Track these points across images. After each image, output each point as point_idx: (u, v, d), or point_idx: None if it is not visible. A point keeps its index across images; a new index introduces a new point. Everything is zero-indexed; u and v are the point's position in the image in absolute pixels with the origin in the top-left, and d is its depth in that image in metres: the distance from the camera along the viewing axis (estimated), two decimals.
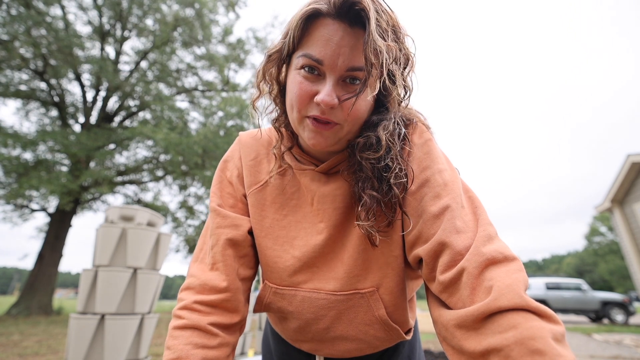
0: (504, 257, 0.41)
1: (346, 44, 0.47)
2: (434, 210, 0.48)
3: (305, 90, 0.50)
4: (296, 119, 0.53)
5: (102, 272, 2.21)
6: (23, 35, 8.96)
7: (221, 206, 0.62)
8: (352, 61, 0.48)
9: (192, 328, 0.51)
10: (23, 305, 9.49)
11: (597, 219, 42.18)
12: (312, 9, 0.48)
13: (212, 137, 11.13)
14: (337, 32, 0.47)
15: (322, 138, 0.51)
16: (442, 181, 0.51)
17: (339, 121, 0.50)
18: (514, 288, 0.37)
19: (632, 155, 9.21)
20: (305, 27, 0.50)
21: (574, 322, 11.15)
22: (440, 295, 0.45)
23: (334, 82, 0.49)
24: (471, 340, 0.38)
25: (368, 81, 0.46)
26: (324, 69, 0.49)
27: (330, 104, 0.47)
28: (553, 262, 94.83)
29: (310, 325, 0.59)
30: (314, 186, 0.59)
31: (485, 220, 0.47)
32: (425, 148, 0.55)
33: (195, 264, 0.60)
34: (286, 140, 0.61)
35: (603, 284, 43.85)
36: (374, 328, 0.58)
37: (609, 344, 5.54)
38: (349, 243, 0.57)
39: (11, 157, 9.47)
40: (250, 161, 0.65)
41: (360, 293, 0.56)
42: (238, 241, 0.60)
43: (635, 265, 9.34)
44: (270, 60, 0.55)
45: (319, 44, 0.48)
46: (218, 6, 12.82)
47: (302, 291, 0.58)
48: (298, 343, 0.65)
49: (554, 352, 0.32)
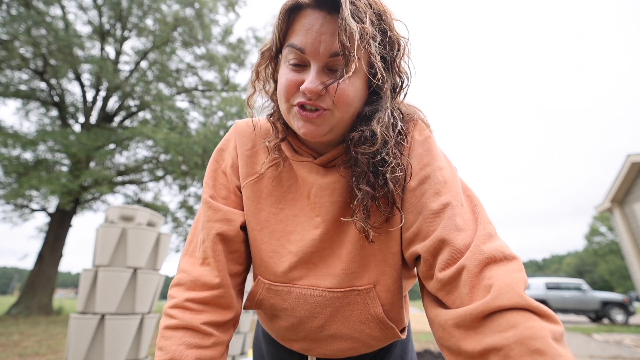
0: (504, 256, 0.41)
1: (326, 31, 0.48)
2: (434, 208, 0.48)
3: (292, 80, 0.50)
4: (285, 109, 0.53)
5: (102, 272, 2.21)
6: (23, 35, 8.95)
7: (213, 198, 0.60)
8: (333, 47, 0.48)
9: (184, 328, 0.50)
10: (23, 305, 9.49)
11: (597, 219, 42.16)
12: (293, 2, 0.48)
13: (212, 137, 11.12)
14: (317, 20, 0.48)
15: (313, 126, 0.51)
16: (442, 179, 0.51)
17: (328, 107, 0.50)
18: (514, 287, 0.37)
19: (632, 155, 9.21)
20: (289, 21, 0.51)
21: (574, 322, 11.15)
22: (438, 293, 0.45)
23: (318, 69, 0.49)
24: (470, 339, 0.38)
25: (346, 66, 0.46)
26: (307, 58, 0.49)
27: (314, 90, 0.48)
28: (553, 262, 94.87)
29: (304, 324, 0.58)
30: (312, 178, 0.57)
31: (484, 218, 0.47)
32: (426, 145, 0.55)
33: (185, 258, 0.59)
34: (280, 133, 0.60)
35: (603, 284, 43.84)
36: (370, 326, 0.56)
37: (609, 344, 5.53)
38: (346, 239, 0.55)
39: (11, 157, 9.47)
40: (246, 151, 0.63)
41: (357, 290, 0.55)
42: (229, 236, 0.58)
43: (635, 265, 9.34)
44: (263, 57, 0.56)
45: (300, 33, 0.49)
46: (218, 6, 12.82)
47: (297, 287, 0.56)
48: (289, 342, 0.64)
49: (554, 352, 0.32)
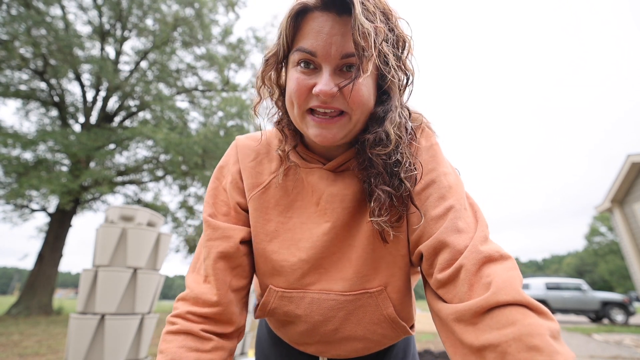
0: (500, 255, 0.43)
1: (337, 32, 0.47)
2: (438, 210, 0.50)
3: (303, 84, 0.50)
4: (297, 115, 0.53)
5: (102, 272, 2.21)
6: (23, 35, 8.95)
7: (212, 216, 0.61)
8: (345, 48, 0.48)
9: (184, 333, 0.51)
10: (23, 305, 9.48)
11: (597, 219, 42.18)
12: (300, 6, 0.48)
13: (212, 137, 11.13)
14: (326, 22, 0.48)
15: (329, 133, 0.50)
16: (447, 183, 0.52)
17: (345, 109, 0.50)
18: (512, 284, 0.39)
19: (632, 155, 9.22)
20: (296, 25, 0.50)
21: (574, 322, 11.14)
22: (438, 291, 0.47)
23: (330, 71, 0.49)
24: (469, 334, 0.39)
25: (362, 65, 0.46)
26: (319, 61, 0.49)
27: (329, 93, 0.47)
28: (553, 262, 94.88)
29: (318, 328, 0.59)
30: (322, 185, 0.57)
31: (483, 223, 0.49)
32: (431, 151, 0.57)
33: (191, 275, 0.60)
34: (290, 140, 0.60)
35: (603, 284, 43.84)
36: (382, 326, 0.58)
37: (609, 344, 5.54)
38: (357, 243, 0.56)
39: (11, 157, 9.46)
40: (250, 162, 0.63)
41: (369, 292, 0.56)
42: (229, 253, 0.58)
43: (635, 265, 9.34)
44: (268, 64, 0.55)
45: (310, 37, 0.49)
46: (218, 6, 12.82)
47: (310, 293, 0.57)
48: (303, 346, 0.65)
49: (551, 348, 0.32)
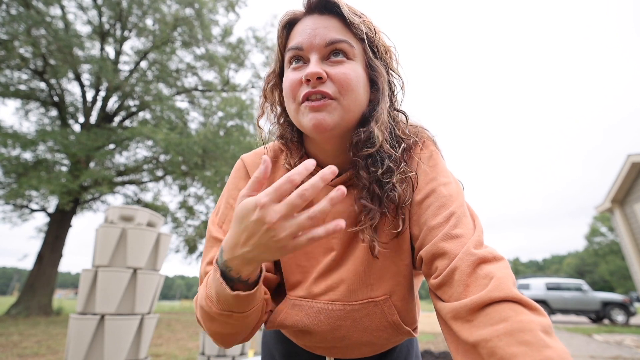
0: (494, 257, 0.45)
1: (320, 26, 0.53)
2: (439, 220, 0.51)
3: (295, 77, 0.53)
4: (294, 109, 0.55)
5: (102, 273, 2.21)
6: (23, 35, 8.95)
7: (215, 223, 0.62)
8: (328, 36, 0.52)
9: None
10: (23, 305, 9.49)
11: (598, 219, 42.24)
12: (287, 17, 0.55)
13: (212, 137, 11.14)
14: (309, 21, 0.54)
15: (322, 116, 0.51)
16: (448, 193, 0.54)
17: (333, 94, 0.51)
18: (505, 281, 0.40)
19: (632, 155, 9.21)
20: (287, 35, 0.57)
21: (574, 322, 11.14)
22: (437, 292, 0.49)
23: (317, 59, 0.52)
24: (465, 331, 0.40)
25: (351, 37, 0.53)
26: (305, 54, 0.53)
27: (316, 73, 0.50)
28: (553, 262, 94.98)
29: (325, 336, 0.60)
30: None
31: (480, 230, 0.51)
32: (432, 162, 0.59)
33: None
34: (295, 153, 0.62)
35: (603, 284, 43.91)
36: (387, 332, 0.60)
37: (609, 345, 5.54)
38: (362, 254, 0.58)
39: (11, 157, 9.48)
40: None
41: (375, 301, 0.58)
42: None
43: (635, 265, 9.34)
44: (269, 81, 0.60)
45: (297, 36, 0.55)
46: (218, 6, 12.83)
47: (318, 303, 0.59)
48: (311, 349, 0.67)
49: (541, 343, 0.33)
